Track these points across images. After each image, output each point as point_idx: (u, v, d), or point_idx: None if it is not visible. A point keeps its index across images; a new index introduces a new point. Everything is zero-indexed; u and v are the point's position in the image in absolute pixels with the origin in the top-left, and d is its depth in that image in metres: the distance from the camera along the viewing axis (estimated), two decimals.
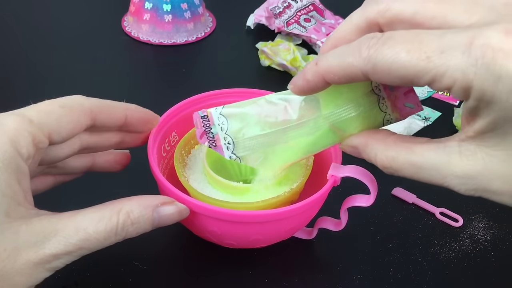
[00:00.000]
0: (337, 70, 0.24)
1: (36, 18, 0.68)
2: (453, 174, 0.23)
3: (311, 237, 0.39)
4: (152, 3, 0.63)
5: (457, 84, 0.21)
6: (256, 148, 0.30)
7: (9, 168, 0.25)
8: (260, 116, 0.29)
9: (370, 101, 0.28)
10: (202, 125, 0.30)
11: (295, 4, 0.65)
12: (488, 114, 0.21)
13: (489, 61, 0.20)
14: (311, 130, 0.29)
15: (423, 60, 0.21)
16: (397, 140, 0.26)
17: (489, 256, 0.40)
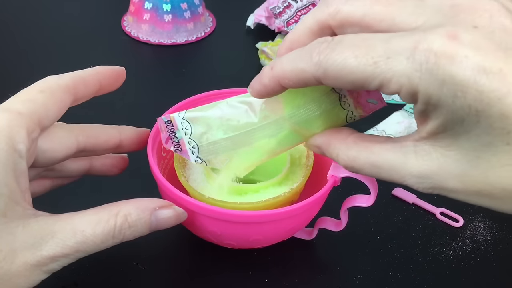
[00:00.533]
0: (291, 75, 0.24)
1: (35, 18, 0.68)
2: (410, 174, 0.23)
3: (311, 237, 0.39)
4: (152, 3, 0.63)
5: (403, 89, 0.21)
6: (220, 152, 0.30)
7: (6, 167, 0.25)
8: (222, 119, 0.30)
9: (331, 99, 0.28)
10: (167, 130, 0.31)
11: (295, 4, 0.65)
12: (437, 116, 0.21)
13: (432, 66, 0.20)
14: (274, 131, 0.29)
15: (371, 66, 0.21)
16: (357, 139, 0.26)
17: (490, 256, 0.40)
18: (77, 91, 0.30)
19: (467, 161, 0.22)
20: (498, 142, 0.21)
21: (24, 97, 0.28)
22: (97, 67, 0.32)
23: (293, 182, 0.34)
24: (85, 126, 0.32)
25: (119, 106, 0.54)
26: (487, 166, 0.21)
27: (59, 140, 0.30)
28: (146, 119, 0.36)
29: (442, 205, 0.44)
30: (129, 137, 0.34)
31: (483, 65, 0.20)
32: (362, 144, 0.25)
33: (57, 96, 0.28)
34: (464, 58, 0.20)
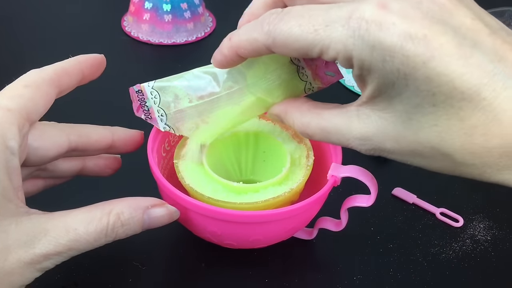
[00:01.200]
0: (245, 44, 0.26)
1: (35, 18, 0.68)
2: (353, 137, 0.25)
3: (311, 237, 0.39)
4: (152, 3, 0.63)
5: (340, 55, 0.23)
6: (187, 119, 0.32)
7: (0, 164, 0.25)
8: (188, 89, 0.32)
9: (290, 70, 0.30)
10: (138, 99, 0.33)
11: None
12: (372, 80, 0.23)
13: (364, 33, 0.22)
14: (237, 100, 0.31)
15: (312, 33, 0.23)
16: (310, 107, 0.28)
17: (490, 256, 0.40)
18: (61, 83, 0.30)
19: (401, 122, 0.24)
20: (425, 103, 0.22)
21: (10, 93, 0.28)
22: (78, 56, 0.32)
23: (293, 182, 0.34)
24: (77, 126, 0.33)
25: (119, 106, 0.53)
26: (417, 126, 0.23)
27: (51, 139, 0.30)
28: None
29: (442, 205, 0.44)
30: (122, 138, 0.34)
31: (409, 31, 0.21)
32: (314, 111, 0.28)
33: (43, 90, 0.29)
34: (391, 25, 0.21)
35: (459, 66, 0.21)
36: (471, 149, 0.23)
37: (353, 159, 0.35)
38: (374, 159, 0.48)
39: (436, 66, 0.21)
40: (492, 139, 0.22)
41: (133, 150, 0.35)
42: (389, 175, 0.47)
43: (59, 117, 0.36)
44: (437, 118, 0.23)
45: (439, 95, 0.22)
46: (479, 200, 0.45)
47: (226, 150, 0.38)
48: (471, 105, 0.22)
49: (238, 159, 0.39)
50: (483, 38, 0.22)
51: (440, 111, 0.22)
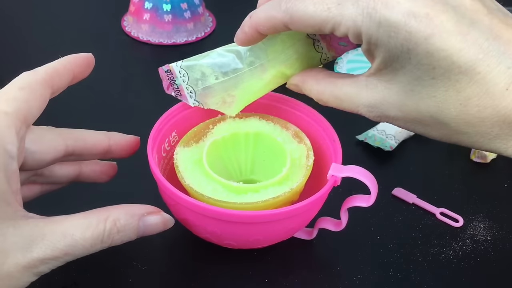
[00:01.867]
0: (265, 22, 0.28)
1: (35, 18, 0.68)
2: (362, 104, 0.28)
3: (311, 237, 0.39)
4: (152, 3, 0.63)
5: (350, 31, 0.25)
6: (214, 94, 0.34)
7: None
8: (214, 66, 0.34)
9: (306, 44, 0.32)
10: (167, 78, 0.35)
11: None
12: (379, 54, 0.26)
13: (371, 11, 0.24)
14: (260, 74, 0.33)
15: (325, 11, 0.25)
16: (325, 76, 0.30)
17: (490, 256, 0.40)
18: (54, 83, 0.30)
19: (404, 92, 0.26)
20: (425, 76, 0.25)
21: (5, 97, 0.28)
22: (68, 56, 0.32)
23: (293, 182, 0.34)
24: (73, 130, 0.33)
25: (119, 105, 0.54)
26: (418, 97, 0.26)
27: (48, 143, 0.31)
28: (146, 119, 0.36)
29: (442, 205, 0.44)
30: (118, 143, 0.35)
31: (413, 10, 0.23)
32: (328, 80, 0.30)
33: (37, 92, 0.29)
34: (396, 3, 0.24)
35: (457, 42, 0.23)
36: (465, 119, 0.25)
37: (353, 159, 0.35)
38: (374, 159, 0.48)
39: (436, 41, 0.23)
40: (485, 109, 0.24)
41: (129, 155, 0.36)
42: (389, 175, 0.47)
43: (59, 117, 0.36)
44: (436, 90, 0.25)
45: (438, 68, 0.24)
46: (479, 200, 0.45)
47: (226, 150, 0.38)
48: (467, 78, 0.24)
49: (238, 159, 0.39)
50: (480, 17, 0.24)
51: (438, 84, 0.24)
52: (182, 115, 0.38)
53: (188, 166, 0.35)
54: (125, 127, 0.49)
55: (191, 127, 0.37)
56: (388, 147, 0.48)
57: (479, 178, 0.47)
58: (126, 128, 0.49)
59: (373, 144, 0.49)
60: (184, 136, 0.37)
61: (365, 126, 0.51)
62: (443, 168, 0.48)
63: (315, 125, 0.38)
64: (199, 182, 0.34)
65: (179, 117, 0.38)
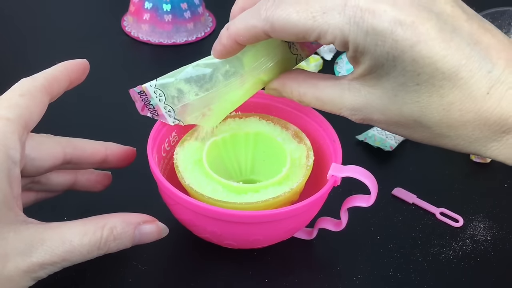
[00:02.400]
0: (244, 32, 0.28)
1: (35, 18, 0.68)
2: (345, 107, 0.28)
3: (311, 237, 0.39)
4: (152, 3, 0.63)
5: (337, 40, 0.25)
6: (195, 111, 0.34)
7: (1, 172, 0.25)
8: (191, 82, 0.33)
9: (283, 48, 0.32)
10: (141, 99, 0.34)
11: None
12: (364, 61, 0.26)
13: (359, 20, 0.24)
14: (239, 84, 0.33)
15: (310, 20, 0.25)
16: (306, 77, 0.30)
17: (490, 256, 0.40)
18: (52, 90, 0.30)
19: (387, 97, 0.26)
20: (409, 82, 0.25)
21: (7, 103, 0.28)
22: (65, 62, 0.32)
23: (293, 182, 0.34)
24: (72, 139, 0.33)
25: (119, 106, 0.53)
26: (402, 102, 0.26)
27: (47, 150, 0.31)
28: (146, 119, 0.36)
29: (442, 205, 0.44)
30: (115, 153, 0.35)
31: (399, 18, 0.24)
32: (310, 82, 0.30)
33: (37, 98, 0.29)
34: (383, 12, 0.24)
35: (441, 49, 0.24)
36: (448, 123, 0.26)
37: (353, 159, 0.35)
38: (374, 159, 0.48)
39: (422, 49, 0.24)
40: (467, 113, 0.25)
41: (125, 166, 0.36)
42: (389, 175, 0.47)
43: (59, 117, 0.36)
44: (420, 95, 0.25)
45: (423, 75, 0.24)
46: (479, 200, 0.45)
47: (226, 150, 0.38)
48: (450, 84, 0.24)
49: (238, 159, 0.39)
50: (461, 24, 0.25)
51: (422, 89, 0.25)
52: None
53: (188, 166, 0.35)
54: (125, 127, 0.49)
55: (191, 126, 0.37)
56: (388, 147, 0.48)
57: (479, 178, 0.47)
58: (126, 128, 0.49)
59: (373, 144, 0.49)
60: (184, 136, 0.37)
61: (365, 126, 0.51)
62: (443, 168, 0.48)
63: (315, 125, 0.38)
64: (199, 182, 0.33)
65: None
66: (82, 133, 0.36)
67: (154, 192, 0.35)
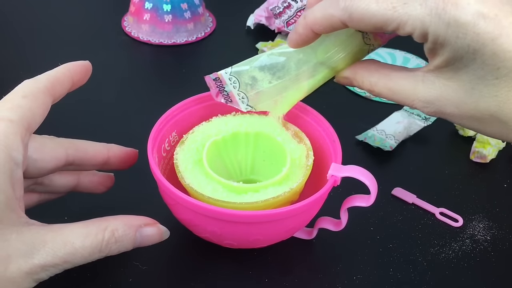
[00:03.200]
0: (321, 21, 0.28)
1: (36, 18, 0.68)
2: (418, 99, 0.28)
3: (311, 237, 0.39)
4: (152, 3, 0.63)
5: (416, 31, 0.25)
6: (267, 98, 0.35)
7: (3, 174, 0.25)
8: (265, 71, 0.34)
9: (356, 39, 0.32)
10: (216, 85, 0.35)
11: (295, 4, 0.65)
12: (443, 53, 0.26)
13: (440, 11, 0.24)
14: (312, 74, 0.33)
15: (390, 10, 0.25)
16: (378, 67, 0.31)
17: (489, 256, 0.40)
18: (55, 91, 0.30)
19: (464, 91, 0.26)
20: (489, 76, 0.25)
21: (10, 104, 0.28)
22: (68, 64, 0.32)
23: (293, 182, 0.34)
24: (74, 140, 0.34)
25: (119, 106, 0.54)
26: (479, 95, 0.26)
27: (50, 151, 0.31)
28: (146, 119, 0.36)
29: (441, 205, 0.44)
30: (117, 155, 0.35)
31: (482, 11, 0.24)
32: (382, 72, 0.30)
33: (39, 100, 0.29)
34: (466, 4, 0.24)
35: None
36: None
37: (353, 159, 0.35)
38: (373, 159, 0.48)
39: (503, 43, 0.24)
40: None
41: (127, 168, 0.37)
42: (389, 175, 0.47)
43: (59, 117, 0.36)
44: (499, 90, 0.25)
45: (503, 69, 0.24)
46: (478, 200, 0.45)
47: (226, 150, 0.38)
48: None
49: (238, 159, 0.39)
50: None
51: (502, 84, 0.25)
52: (182, 115, 0.38)
53: (188, 166, 0.35)
54: (125, 127, 0.49)
55: (191, 127, 0.37)
56: (388, 147, 0.48)
57: (478, 178, 0.47)
58: (126, 128, 0.49)
59: (373, 144, 0.49)
60: (184, 136, 0.37)
61: (365, 126, 0.51)
62: (443, 168, 0.48)
63: (315, 125, 0.38)
64: (199, 182, 0.34)
65: (179, 117, 0.38)
66: (82, 134, 0.36)
67: (154, 192, 0.35)
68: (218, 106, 0.38)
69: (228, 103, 0.35)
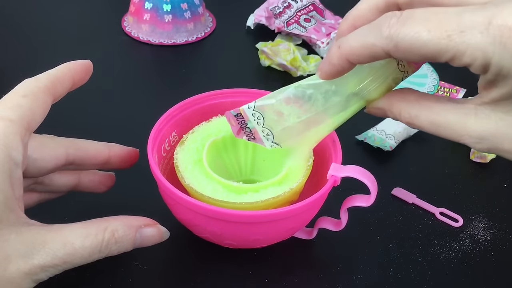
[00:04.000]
0: (360, 51, 0.25)
1: (36, 18, 0.68)
2: (468, 134, 0.25)
3: (311, 237, 0.39)
4: (152, 3, 0.63)
5: (477, 62, 0.23)
6: (295, 134, 0.32)
7: (3, 174, 0.25)
8: (292, 105, 0.31)
9: (391, 67, 0.30)
10: (238, 122, 0.32)
11: (295, 4, 0.65)
12: (504, 86, 0.23)
13: (506, 40, 0.21)
14: (343, 107, 0.31)
15: (444, 39, 0.22)
16: (418, 98, 0.27)
17: (489, 256, 0.40)
18: (55, 91, 0.30)
19: None
20: None
21: (10, 104, 0.28)
22: (69, 63, 0.32)
23: (293, 182, 0.34)
24: (75, 140, 0.33)
25: (119, 106, 0.54)
26: None
27: (50, 151, 0.31)
28: (146, 119, 0.36)
29: (441, 205, 0.44)
30: (118, 154, 0.35)
31: None
32: (423, 103, 0.27)
33: (40, 99, 0.29)
34: None
35: None
36: None
37: (353, 159, 0.35)
38: (373, 159, 0.48)
39: None
40: None
41: (128, 167, 0.37)
42: (388, 175, 0.47)
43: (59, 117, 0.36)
44: None
45: None
46: (478, 200, 0.45)
47: (226, 150, 0.38)
48: None
49: (238, 159, 0.39)
50: None
51: None
52: (182, 115, 0.38)
53: (188, 166, 0.35)
54: (125, 127, 0.49)
55: (191, 127, 0.37)
56: (387, 147, 0.48)
57: (478, 178, 0.47)
58: (126, 129, 0.49)
59: (373, 144, 0.49)
60: (184, 136, 0.37)
61: (364, 126, 0.51)
62: (443, 168, 0.48)
63: None
64: (199, 182, 0.34)
65: (179, 117, 0.38)
66: (82, 133, 0.36)
67: (154, 192, 0.35)
68: (218, 106, 0.38)
69: (250, 140, 0.33)
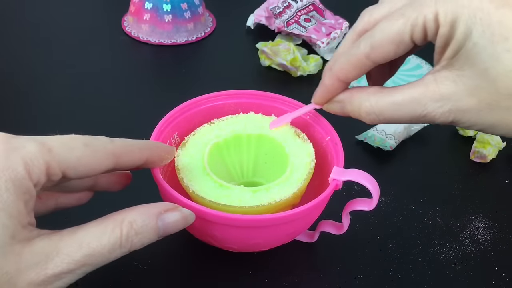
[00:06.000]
0: (347, 65, 0.29)
1: (36, 18, 0.68)
2: (431, 100, 0.27)
3: (313, 240, 0.39)
4: (152, 3, 0.63)
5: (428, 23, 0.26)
6: None
7: (18, 190, 0.24)
8: None
9: None
10: None
11: (295, 4, 0.65)
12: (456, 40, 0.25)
13: None
14: None
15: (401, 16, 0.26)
16: (376, 90, 0.30)
17: (489, 256, 0.40)
18: (120, 160, 0.28)
19: (478, 74, 0.25)
20: (499, 49, 0.24)
21: (65, 141, 0.26)
22: (149, 143, 0.31)
23: (294, 185, 0.34)
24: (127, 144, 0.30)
25: (120, 106, 0.54)
26: (494, 74, 0.25)
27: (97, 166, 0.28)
28: (147, 120, 0.36)
29: (441, 205, 0.44)
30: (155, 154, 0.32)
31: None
32: (383, 91, 0.29)
33: (96, 157, 0.27)
34: None
35: None
36: None
37: (353, 159, 0.35)
38: (374, 159, 0.48)
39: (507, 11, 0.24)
40: None
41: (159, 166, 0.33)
42: (389, 175, 0.47)
43: (60, 117, 0.36)
44: None
45: None
46: (478, 200, 0.45)
47: (227, 152, 0.38)
48: None
49: (240, 162, 0.39)
50: None
51: None
52: (183, 117, 0.38)
53: (189, 168, 0.35)
54: (126, 128, 0.49)
55: (192, 129, 0.37)
56: (388, 147, 0.48)
57: (479, 178, 0.48)
58: (126, 129, 0.49)
59: (373, 144, 0.49)
60: (185, 138, 0.37)
61: (365, 126, 0.51)
62: (443, 168, 0.48)
63: (317, 127, 0.38)
64: (200, 185, 0.33)
65: (181, 119, 0.38)
66: (82, 133, 0.36)
67: (155, 194, 0.35)
68: (220, 108, 0.38)
69: None
